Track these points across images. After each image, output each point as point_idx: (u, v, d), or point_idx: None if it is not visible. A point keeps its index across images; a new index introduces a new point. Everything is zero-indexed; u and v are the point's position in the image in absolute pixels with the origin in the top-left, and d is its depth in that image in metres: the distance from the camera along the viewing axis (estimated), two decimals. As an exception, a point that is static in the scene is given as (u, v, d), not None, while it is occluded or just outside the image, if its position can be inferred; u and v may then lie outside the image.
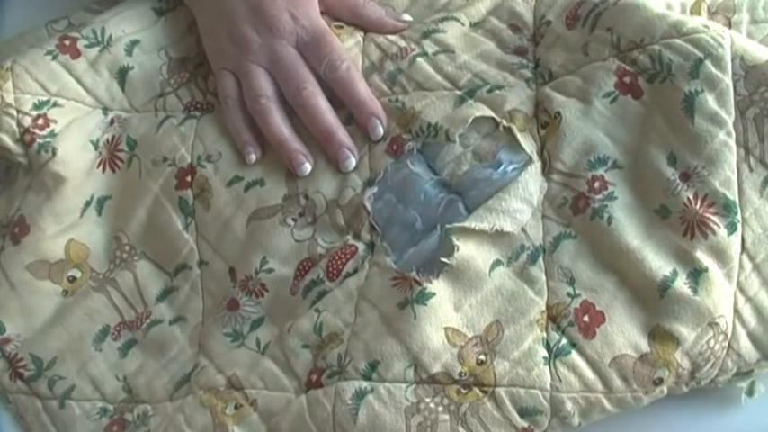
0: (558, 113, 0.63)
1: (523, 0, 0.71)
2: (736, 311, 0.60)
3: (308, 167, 0.65)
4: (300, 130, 0.67)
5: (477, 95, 0.65)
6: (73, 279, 0.66)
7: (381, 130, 0.66)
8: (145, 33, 0.70)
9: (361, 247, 0.64)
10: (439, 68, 0.67)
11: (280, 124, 0.66)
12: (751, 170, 0.61)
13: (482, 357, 0.59)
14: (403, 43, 0.69)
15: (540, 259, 0.62)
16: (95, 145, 0.68)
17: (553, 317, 0.60)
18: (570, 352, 0.59)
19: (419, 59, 0.68)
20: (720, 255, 0.60)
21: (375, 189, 0.64)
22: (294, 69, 0.66)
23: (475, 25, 0.70)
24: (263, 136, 0.67)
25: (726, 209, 0.60)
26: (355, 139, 0.66)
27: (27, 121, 0.66)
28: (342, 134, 0.65)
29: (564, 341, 0.59)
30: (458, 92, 0.66)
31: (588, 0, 0.67)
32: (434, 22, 0.70)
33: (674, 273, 0.60)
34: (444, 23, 0.70)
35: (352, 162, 0.65)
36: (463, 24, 0.70)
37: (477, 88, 0.66)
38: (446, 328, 0.59)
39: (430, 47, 0.68)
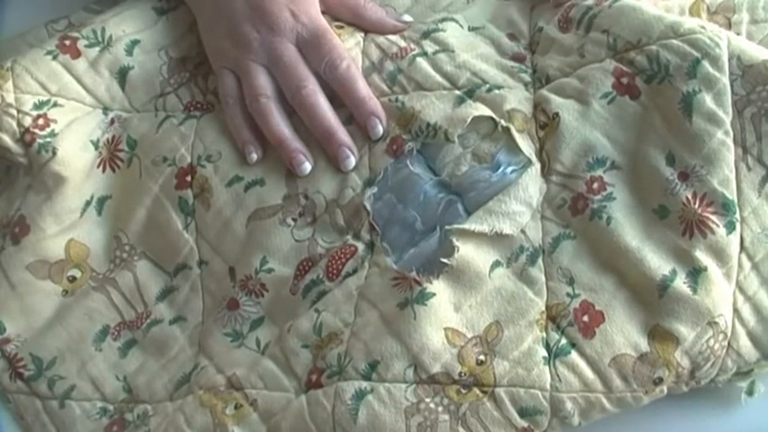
0: (557, 114, 0.63)
1: (519, 10, 0.71)
2: (736, 311, 0.60)
3: (307, 167, 0.65)
4: (301, 129, 0.67)
5: (477, 95, 0.65)
6: (73, 279, 0.67)
7: (381, 130, 0.66)
8: (145, 33, 0.70)
9: (360, 247, 0.64)
10: (438, 68, 0.67)
11: (279, 123, 0.66)
12: (749, 169, 0.61)
13: (482, 357, 0.59)
14: (403, 43, 0.69)
15: (540, 260, 0.62)
16: (95, 145, 0.68)
17: (553, 317, 0.60)
18: (570, 352, 0.59)
19: (419, 59, 0.68)
20: (719, 254, 0.60)
21: (375, 189, 0.64)
22: (294, 68, 0.66)
23: (474, 29, 0.70)
24: (264, 135, 0.67)
25: (724, 208, 0.60)
26: (355, 139, 0.66)
27: (27, 121, 0.66)
28: (342, 133, 0.65)
29: (563, 341, 0.59)
30: (457, 92, 0.66)
31: (579, 3, 0.67)
32: (435, 22, 0.70)
33: (674, 272, 0.60)
34: (444, 23, 0.70)
35: (352, 161, 0.65)
36: (462, 26, 0.70)
37: (477, 88, 0.66)
38: (446, 329, 0.59)
39: (430, 46, 0.68)
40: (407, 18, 0.71)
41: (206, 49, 0.70)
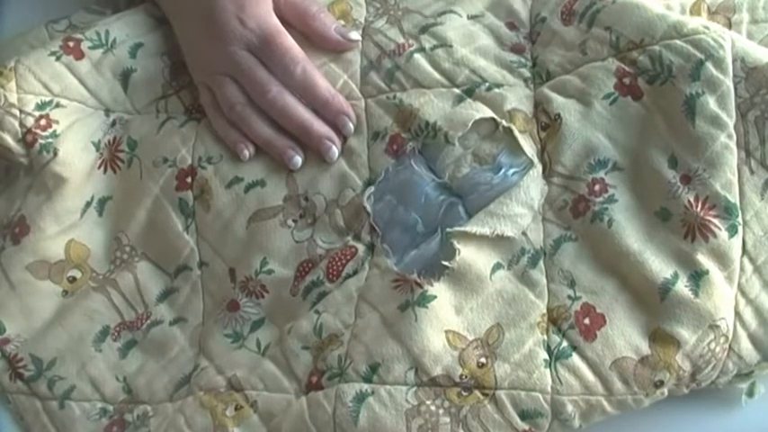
0: (559, 115, 0.63)
1: None
2: (737, 314, 0.60)
3: (299, 160, 0.65)
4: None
5: (476, 94, 0.65)
6: (73, 279, 0.66)
7: (352, 126, 0.66)
8: (148, 37, 0.70)
9: (361, 248, 0.64)
10: (436, 65, 0.67)
11: (261, 126, 0.66)
12: (752, 172, 0.61)
13: (483, 360, 0.59)
14: (401, 39, 0.68)
15: (541, 262, 0.62)
16: (97, 146, 0.68)
17: (554, 319, 0.60)
18: (571, 355, 0.59)
19: (416, 55, 0.67)
20: (721, 257, 0.60)
21: (372, 189, 0.64)
22: (253, 74, 0.66)
23: (473, 18, 0.70)
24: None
25: (727, 211, 0.60)
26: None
27: (29, 122, 0.65)
28: (318, 126, 0.65)
29: (564, 344, 0.59)
30: (456, 90, 0.66)
31: None
32: (433, 15, 0.70)
33: (675, 275, 0.60)
34: (443, 17, 0.70)
35: (335, 152, 0.65)
36: (461, 17, 0.70)
37: (476, 86, 0.66)
38: (447, 331, 0.59)
39: (428, 41, 0.68)
40: (354, 36, 0.69)
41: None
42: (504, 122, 0.64)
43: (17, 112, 0.65)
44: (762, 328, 0.60)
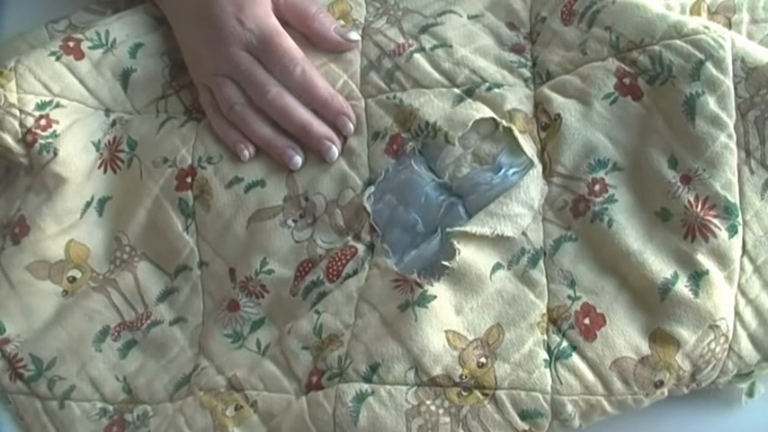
0: (558, 115, 0.63)
1: None
2: (737, 314, 0.60)
3: (299, 160, 0.65)
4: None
5: (477, 94, 0.65)
6: (73, 279, 0.66)
7: (351, 127, 0.66)
8: (148, 37, 0.70)
9: (361, 248, 0.64)
10: (436, 64, 0.67)
11: (260, 126, 0.66)
12: (752, 172, 0.61)
13: (483, 360, 0.59)
14: (401, 39, 0.69)
15: (541, 262, 0.62)
16: (96, 146, 0.68)
17: (554, 319, 0.60)
18: (571, 354, 0.59)
19: (416, 55, 0.67)
20: (721, 257, 0.60)
21: (372, 189, 0.64)
22: (252, 75, 0.66)
23: (473, 18, 0.70)
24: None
25: (727, 211, 0.60)
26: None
27: (29, 122, 0.65)
28: (317, 126, 0.65)
29: (564, 344, 0.59)
30: (456, 90, 0.66)
31: None
32: (433, 15, 0.70)
33: (675, 275, 0.60)
34: (443, 17, 0.70)
35: (335, 152, 0.65)
36: (461, 16, 0.70)
37: (476, 86, 0.66)
38: (447, 331, 0.59)
39: (428, 41, 0.68)
40: (354, 36, 0.69)
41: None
42: (504, 122, 0.64)
43: (17, 112, 0.65)
44: (762, 328, 0.60)
